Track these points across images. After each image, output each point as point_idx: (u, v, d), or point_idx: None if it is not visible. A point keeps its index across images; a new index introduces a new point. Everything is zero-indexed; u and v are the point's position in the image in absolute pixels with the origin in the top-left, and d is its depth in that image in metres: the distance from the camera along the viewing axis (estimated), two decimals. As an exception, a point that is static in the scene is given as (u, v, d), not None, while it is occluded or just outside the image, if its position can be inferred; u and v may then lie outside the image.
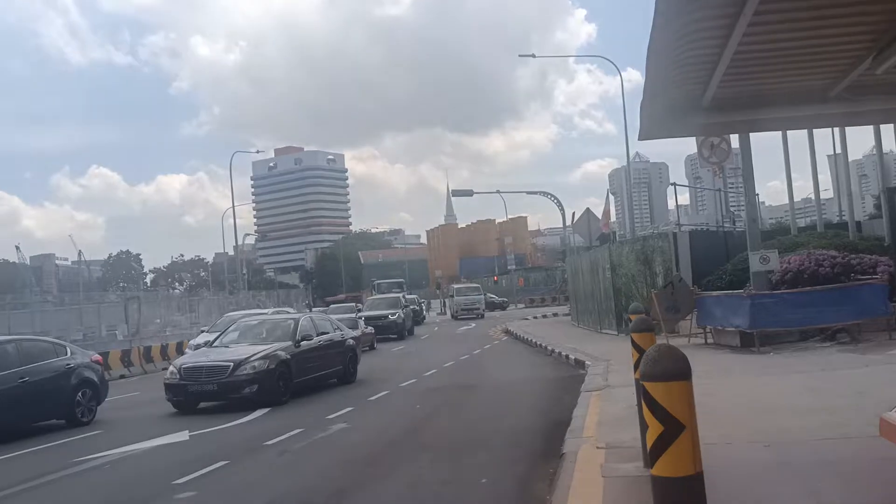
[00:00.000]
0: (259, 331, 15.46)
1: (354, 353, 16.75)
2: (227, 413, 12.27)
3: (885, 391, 8.39)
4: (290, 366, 13.78)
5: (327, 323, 16.98)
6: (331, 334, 16.07)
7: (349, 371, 16.19)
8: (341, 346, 16.20)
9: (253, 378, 12.95)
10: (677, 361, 2.96)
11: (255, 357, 13.32)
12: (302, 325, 15.21)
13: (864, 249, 17.04)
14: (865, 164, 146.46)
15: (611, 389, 10.93)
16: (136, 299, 32.33)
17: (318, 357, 15.05)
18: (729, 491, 5.22)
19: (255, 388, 12.88)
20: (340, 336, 16.46)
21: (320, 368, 15.10)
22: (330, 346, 15.68)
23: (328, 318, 18.63)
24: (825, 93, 5.22)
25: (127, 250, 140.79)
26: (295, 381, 13.83)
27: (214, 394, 13.10)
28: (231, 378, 12.95)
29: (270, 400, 12.91)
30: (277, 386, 13.26)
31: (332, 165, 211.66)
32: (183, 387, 13.11)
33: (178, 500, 6.91)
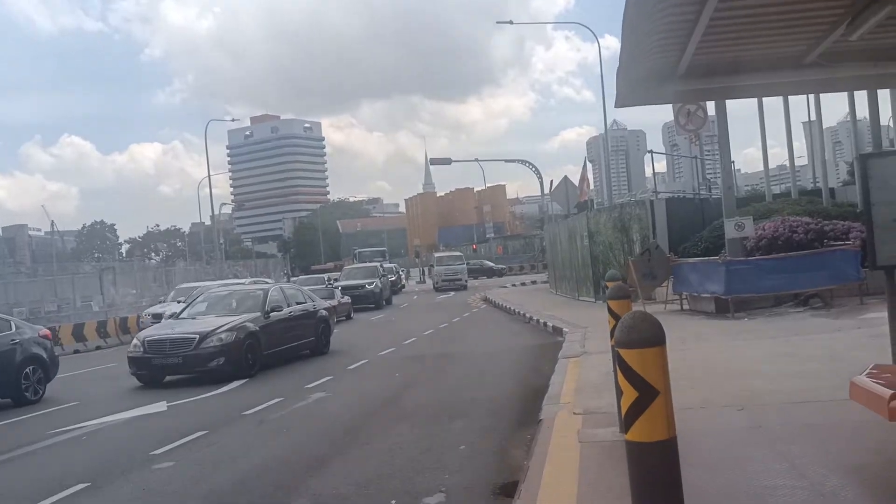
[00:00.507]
0: (227, 302, 15.12)
1: (327, 324, 16.46)
2: (204, 384, 12.24)
3: (856, 355, 8.53)
4: (259, 337, 13.47)
5: (299, 293, 16.71)
6: (302, 305, 15.78)
7: (322, 342, 15.94)
8: (313, 317, 15.90)
9: (220, 350, 12.66)
10: (651, 328, 2.98)
11: (222, 329, 13.00)
12: (272, 295, 14.91)
13: (837, 216, 17.25)
14: (839, 131, 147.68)
15: (588, 356, 11.03)
16: (111, 270, 32.07)
17: (289, 328, 14.79)
18: (703, 454, 5.31)
19: (222, 361, 12.60)
20: (312, 307, 16.15)
21: (291, 340, 14.84)
22: (301, 317, 15.40)
23: (300, 288, 18.34)
24: (800, 59, 5.22)
25: (101, 221, 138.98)
26: (265, 353, 13.56)
27: (179, 367, 12.81)
28: (197, 351, 12.65)
29: (238, 373, 12.66)
30: (245, 358, 12.97)
31: (309, 134, 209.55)
32: (147, 360, 12.81)
33: (155, 471, 6.90)
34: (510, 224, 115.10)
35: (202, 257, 60.04)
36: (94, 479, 6.73)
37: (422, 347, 16.03)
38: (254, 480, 6.38)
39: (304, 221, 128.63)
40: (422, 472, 6.16)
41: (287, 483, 6.17)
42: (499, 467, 6.17)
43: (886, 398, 4.03)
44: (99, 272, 31.39)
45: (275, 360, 13.98)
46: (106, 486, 6.49)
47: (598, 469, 5.29)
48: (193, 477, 6.63)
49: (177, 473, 6.79)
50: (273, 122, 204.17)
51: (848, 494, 4.32)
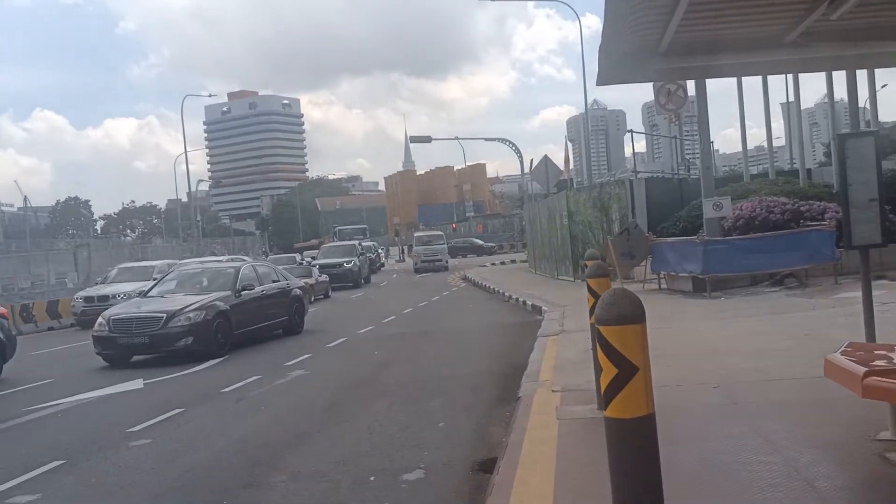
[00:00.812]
0: (198, 280, 14.79)
1: (301, 302, 16.15)
2: (181, 361, 12.17)
3: (831, 333, 8.66)
4: (230, 317, 13.17)
5: (272, 272, 16.40)
6: (276, 284, 15.53)
7: (295, 321, 15.67)
8: (286, 296, 15.60)
9: (188, 330, 12.36)
10: (632, 305, 2.99)
11: (191, 308, 12.70)
12: (243, 273, 14.59)
13: (813, 196, 17.43)
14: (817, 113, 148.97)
15: (567, 334, 11.09)
16: (85, 246, 31.72)
17: (261, 307, 14.50)
18: (680, 430, 5.36)
19: (191, 341, 12.31)
20: (286, 285, 15.88)
21: (263, 319, 14.57)
22: (274, 296, 15.13)
23: (273, 266, 18.03)
24: (780, 39, 5.22)
25: (75, 196, 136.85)
26: (235, 332, 13.28)
27: (146, 347, 12.45)
28: (164, 330, 12.32)
29: (207, 353, 12.37)
30: (215, 338, 12.68)
31: (287, 110, 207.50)
32: (112, 339, 12.48)
33: (132, 448, 6.86)
34: (490, 203, 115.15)
35: (179, 234, 59.55)
36: (70, 456, 6.68)
37: (401, 326, 16.04)
38: (231, 457, 6.36)
39: (283, 199, 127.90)
40: (401, 450, 6.18)
41: (265, 460, 6.16)
42: (478, 444, 6.19)
43: (860, 375, 4.09)
44: (73, 249, 31.04)
45: (246, 339, 13.74)
46: (82, 464, 6.44)
47: (577, 445, 5.33)
48: (170, 454, 6.59)
49: (153, 451, 6.75)
50: (251, 98, 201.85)
51: (821, 469, 4.38)
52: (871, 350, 5.07)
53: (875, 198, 6.01)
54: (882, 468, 4.31)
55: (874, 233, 6.06)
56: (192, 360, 12.01)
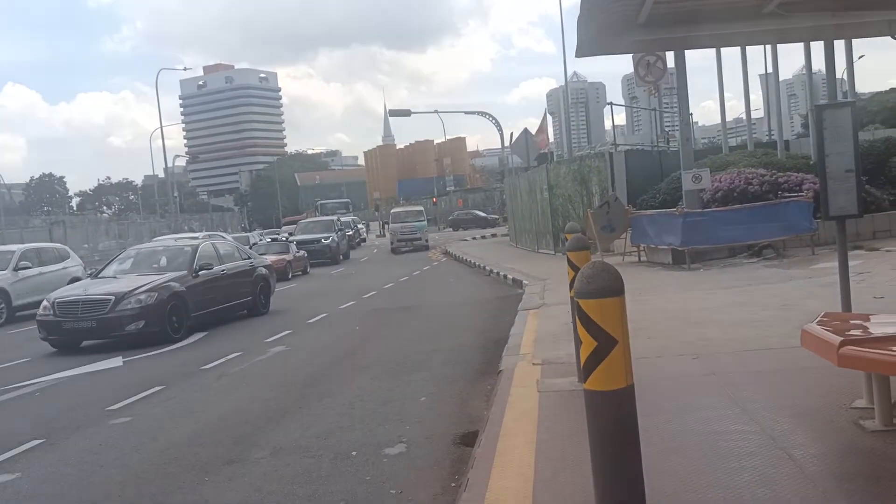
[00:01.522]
0: (153, 260, 14.09)
1: (267, 282, 15.63)
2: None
3: (807, 304, 8.78)
4: (186, 298, 12.54)
5: (234, 250, 15.75)
6: (238, 262, 14.92)
7: (260, 301, 15.17)
8: (250, 275, 15.03)
9: (138, 313, 11.66)
10: (610, 279, 2.98)
11: (142, 289, 12.00)
12: (202, 252, 13.86)
13: (791, 168, 17.53)
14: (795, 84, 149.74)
15: (547, 308, 11.14)
16: (61, 224, 31.34)
17: (222, 287, 13.91)
18: (659, 400, 5.42)
19: (141, 325, 11.65)
20: (249, 264, 15.28)
21: (225, 300, 13.99)
22: (237, 276, 14.54)
23: (236, 244, 17.34)
24: (759, 9, 5.21)
25: (50, 173, 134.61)
26: (193, 314, 12.68)
27: (93, 331, 11.82)
28: (112, 313, 11.62)
29: (160, 337, 11.76)
30: (169, 321, 12.01)
31: (264, 84, 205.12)
32: (57, 324, 11.83)
33: (112, 426, 6.83)
34: (470, 177, 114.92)
35: (156, 211, 58.97)
36: (49, 435, 6.64)
37: (382, 301, 16.03)
38: (212, 434, 6.35)
39: (262, 174, 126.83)
40: (383, 424, 6.19)
41: (247, 435, 6.15)
42: (459, 418, 6.22)
43: (836, 345, 4.13)
44: (49, 226, 30.63)
45: (206, 321, 13.23)
46: (61, 443, 6.40)
47: (557, 418, 5.37)
48: (151, 431, 6.56)
49: (134, 428, 6.73)
50: (227, 71, 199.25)
51: (797, 438, 4.44)
52: (847, 320, 5.13)
53: (851, 168, 6.04)
54: (856, 435, 4.38)
55: (850, 203, 6.10)
56: (143, 345, 11.46)
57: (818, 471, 3.94)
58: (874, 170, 17.22)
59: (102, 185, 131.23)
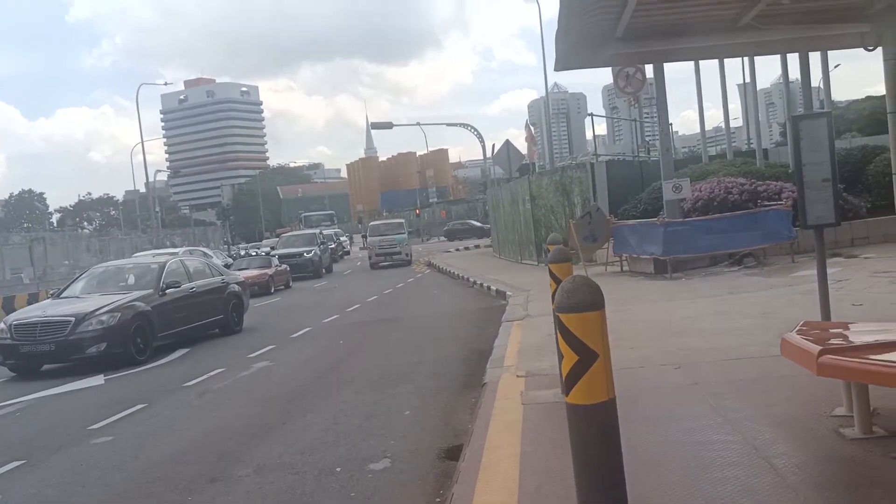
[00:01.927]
0: (118, 278, 13.54)
1: (239, 299, 15.09)
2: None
3: (788, 312, 8.86)
4: (151, 318, 12.02)
5: (205, 267, 15.21)
6: (208, 279, 14.38)
7: (232, 319, 14.62)
8: (221, 293, 14.47)
9: (100, 335, 11.13)
10: (591, 293, 3.01)
11: (103, 310, 11.45)
12: (169, 269, 13.38)
13: (770, 176, 17.71)
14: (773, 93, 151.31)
15: (531, 319, 11.17)
16: (41, 240, 30.98)
17: (191, 306, 13.41)
18: (641, 411, 5.44)
19: (103, 347, 11.12)
20: (221, 281, 14.72)
21: (194, 319, 13.48)
22: (206, 293, 14.00)
23: (207, 261, 16.81)
24: (735, 22, 5.28)
25: (30, 189, 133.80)
26: (159, 335, 12.24)
27: (52, 355, 11.27)
28: (72, 336, 11.07)
29: (123, 360, 11.26)
30: (134, 343, 11.50)
31: (246, 98, 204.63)
32: (14, 348, 11.21)
33: (94, 446, 6.76)
34: (453, 188, 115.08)
35: (138, 226, 58.57)
36: (30, 455, 6.56)
37: (366, 314, 16.00)
38: (195, 451, 6.30)
39: (244, 188, 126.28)
40: (367, 439, 6.17)
41: (230, 453, 6.11)
42: (444, 431, 6.22)
43: (815, 354, 4.18)
44: (29, 243, 30.30)
45: (175, 341, 12.82)
46: (42, 463, 6.33)
47: (541, 430, 5.38)
48: (133, 450, 6.50)
49: (116, 448, 6.66)
50: (208, 85, 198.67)
51: (779, 447, 4.48)
52: (826, 328, 5.19)
53: (828, 178, 6.13)
54: (837, 444, 4.42)
55: (828, 212, 6.18)
56: (106, 368, 10.93)
57: (799, 480, 3.97)
58: (851, 177, 17.45)
59: (83, 201, 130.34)
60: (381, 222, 40.06)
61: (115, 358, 11.24)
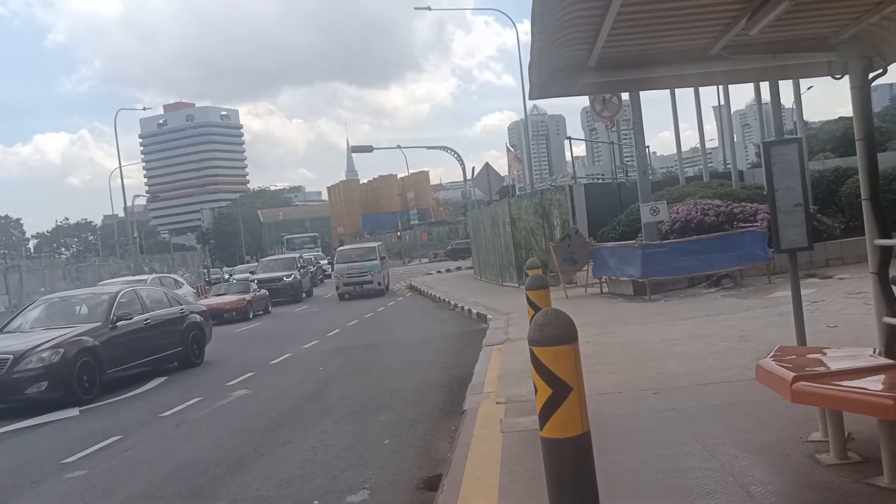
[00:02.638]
0: (65, 310, 12.78)
1: (201, 330, 14.34)
2: (121, 385, 11.83)
3: (764, 334, 8.93)
4: (99, 353, 11.22)
5: (162, 296, 14.46)
6: (165, 310, 13.63)
7: (192, 352, 13.86)
8: (180, 324, 13.70)
9: (41, 374, 10.31)
10: (564, 326, 3.02)
11: (45, 346, 10.61)
12: (121, 300, 12.55)
13: (745, 198, 17.93)
14: (748, 115, 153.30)
15: (511, 343, 11.16)
16: (16, 268, 30.63)
17: (145, 339, 12.61)
18: (619, 438, 5.44)
19: (44, 387, 10.31)
20: (179, 311, 13.96)
21: (148, 353, 12.67)
22: (163, 325, 13.21)
23: (164, 290, 16.01)
24: (705, 52, 5.35)
25: (6, 215, 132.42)
26: (108, 371, 11.41)
27: None
28: (10, 375, 10.26)
29: (67, 400, 10.44)
30: (79, 381, 10.70)
31: (226, 122, 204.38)
32: None
33: (67, 480, 6.64)
34: (434, 210, 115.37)
35: (116, 252, 58.06)
36: (0, 493, 6.43)
37: (346, 338, 15.92)
38: (170, 486, 6.20)
39: (224, 212, 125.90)
40: (345, 470, 6.12)
41: (206, 488, 6.03)
42: (423, 461, 6.18)
43: (789, 381, 4.20)
44: (3, 271, 29.92)
45: (127, 377, 12.04)
46: (12, 500, 6.20)
47: (521, 459, 5.35)
48: (107, 485, 6.40)
49: (89, 482, 6.55)
50: (188, 109, 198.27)
51: (756, 474, 4.49)
52: (802, 354, 5.22)
53: (800, 202, 6.21)
54: (813, 470, 4.44)
55: (800, 236, 6.24)
56: (47, 409, 10.15)
57: (776, 507, 3.98)
58: (825, 198, 17.70)
59: (60, 227, 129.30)
60: (351, 247, 35.14)
61: (57, 399, 10.42)
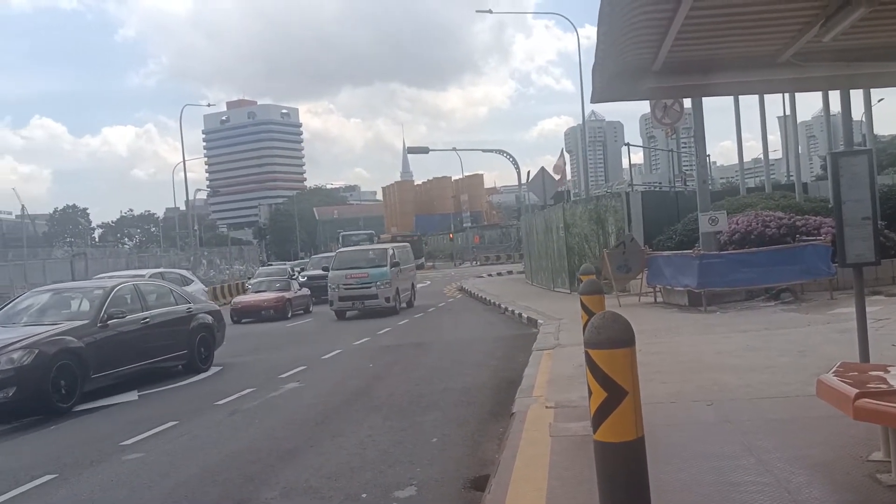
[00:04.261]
0: (53, 305, 11.49)
1: (210, 332, 13.08)
2: (177, 372, 12.14)
3: (825, 350, 8.69)
4: (83, 355, 9.97)
5: (167, 292, 13.05)
6: (169, 308, 12.40)
7: (199, 356, 12.58)
8: (185, 324, 12.46)
9: (10, 377, 9.00)
10: (621, 329, 2.99)
11: (16, 346, 9.32)
12: (115, 296, 11.29)
13: (809, 211, 17.44)
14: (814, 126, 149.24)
15: (561, 348, 11.08)
16: (82, 256, 31.65)
17: (141, 339, 11.40)
18: (671, 449, 5.36)
19: (11, 393, 8.97)
20: (185, 310, 12.72)
21: (144, 355, 11.38)
22: (165, 325, 11.95)
23: (170, 286, 14.23)
24: (774, 59, 5.25)
25: (73, 205, 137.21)
26: (94, 376, 10.16)
27: None
28: None
29: (38, 407, 9.24)
30: (54, 386, 9.38)
31: (286, 120, 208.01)
32: None
33: (125, 462, 6.84)
34: (487, 213, 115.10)
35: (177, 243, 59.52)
36: (62, 470, 6.66)
37: (396, 337, 16.02)
38: (223, 472, 6.34)
39: (281, 208, 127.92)
40: (393, 465, 6.16)
41: (257, 475, 6.14)
42: (470, 461, 6.18)
43: (851, 397, 4.09)
44: (70, 258, 30.95)
45: (120, 382, 10.85)
46: (73, 478, 6.42)
47: (569, 464, 5.32)
48: (162, 468, 6.57)
49: (146, 465, 6.73)
50: (250, 107, 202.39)
51: (813, 492, 4.37)
52: (865, 370, 5.07)
53: (868, 216, 6.03)
54: (873, 490, 4.31)
55: (867, 251, 6.08)
56: (16, 417, 9.13)
57: (833, 526, 3.87)
58: (894, 214, 17.10)
59: (125, 217, 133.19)
60: (355, 249, 27.57)
61: (28, 407, 9.23)
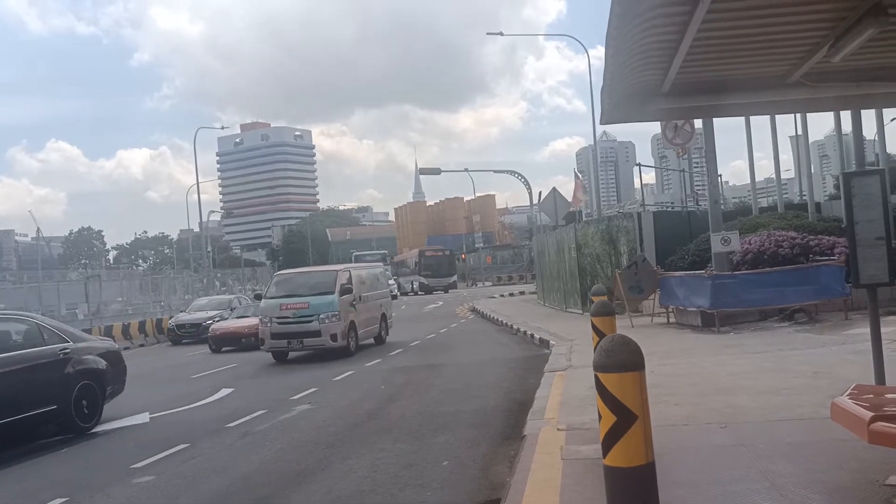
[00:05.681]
0: None
1: (97, 379, 10.11)
2: (189, 394, 12.15)
3: (839, 371, 8.59)
4: None
5: (33, 328, 9.80)
6: (30, 350, 9.33)
7: (78, 411, 9.62)
8: (58, 370, 9.49)
9: None
10: (630, 353, 2.98)
11: None
12: None
13: (822, 231, 17.34)
14: (826, 145, 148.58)
15: (574, 370, 11.01)
16: (96, 278, 31.84)
17: None
18: (684, 472, 5.30)
19: None
20: (59, 352, 9.63)
21: None
22: (20, 372, 8.94)
23: (39, 319, 10.67)
24: (784, 79, 5.25)
25: (88, 227, 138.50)
26: None
27: None
28: None
29: None
30: None
31: (299, 142, 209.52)
32: None
33: (135, 485, 6.83)
34: (499, 234, 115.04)
35: (190, 265, 59.78)
36: (72, 493, 6.66)
37: (408, 358, 15.97)
38: (235, 495, 6.33)
39: (294, 229, 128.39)
40: (404, 489, 6.12)
41: (268, 497, 6.13)
42: (481, 484, 6.14)
43: (866, 420, 4.04)
44: (84, 280, 31.15)
45: None
46: (84, 502, 6.42)
47: (580, 487, 5.27)
48: (173, 491, 6.56)
49: (157, 488, 6.73)
50: (263, 129, 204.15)
51: (828, 516, 4.31)
52: (880, 393, 5.02)
53: (882, 236, 6.00)
54: (890, 515, 4.24)
55: (881, 271, 6.04)
56: None
57: (849, 552, 3.81)
58: (908, 234, 16.94)
59: (139, 239, 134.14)
60: (297, 271, 21.05)
61: None
